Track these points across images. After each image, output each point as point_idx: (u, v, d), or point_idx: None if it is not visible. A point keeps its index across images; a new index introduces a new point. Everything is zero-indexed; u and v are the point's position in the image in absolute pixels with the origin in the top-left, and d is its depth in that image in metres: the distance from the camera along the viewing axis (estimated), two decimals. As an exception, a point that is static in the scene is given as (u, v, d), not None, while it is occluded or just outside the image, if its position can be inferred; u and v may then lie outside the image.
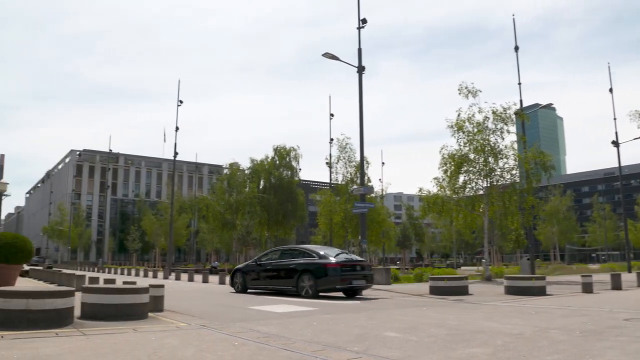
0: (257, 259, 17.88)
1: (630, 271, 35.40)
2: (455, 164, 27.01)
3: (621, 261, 62.61)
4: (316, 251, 16.15)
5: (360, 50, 22.02)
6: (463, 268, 66.68)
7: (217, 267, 47.65)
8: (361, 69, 21.90)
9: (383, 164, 58.76)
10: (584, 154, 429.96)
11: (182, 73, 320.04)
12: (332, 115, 41.70)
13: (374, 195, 41.33)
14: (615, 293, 16.91)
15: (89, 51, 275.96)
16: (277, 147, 54.55)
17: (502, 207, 26.84)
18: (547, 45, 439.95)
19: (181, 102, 41.66)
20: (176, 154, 41.42)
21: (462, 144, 27.12)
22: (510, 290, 15.71)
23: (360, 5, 22.47)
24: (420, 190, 28.98)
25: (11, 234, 15.47)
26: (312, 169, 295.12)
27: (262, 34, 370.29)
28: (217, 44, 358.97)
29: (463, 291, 15.80)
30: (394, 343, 6.39)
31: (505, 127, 26.82)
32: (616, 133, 38.25)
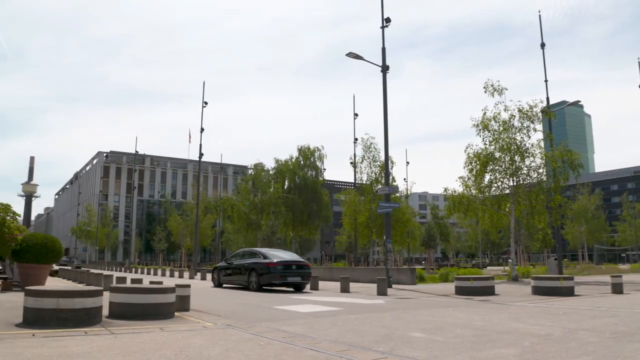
0: (227, 259, 21.41)
1: (661, 271, 34.67)
2: (481, 163, 26.73)
3: (652, 261, 61.31)
4: (263, 253, 19.33)
5: (384, 50, 21.93)
6: (489, 268, 65.93)
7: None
8: (385, 68, 21.80)
9: (408, 163, 58.56)
10: (612, 152, 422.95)
11: (207, 74, 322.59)
12: (356, 114, 41.67)
13: (398, 194, 41.15)
14: (646, 293, 16.58)
15: (114, 54, 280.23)
16: (301, 147, 54.55)
17: (529, 207, 26.49)
18: (573, 42, 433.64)
19: (206, 103, 42.04)
20: (201, 154, 41.77)
21: (488, 142, 26.84)
22: (538, 291, 15.50)
23: (384, 5, 22.40)
24: (445, 190, 28.79)
25: (41, 234, 15.75)
26: (337, 169, 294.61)
27: (286, 34, 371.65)
28: (241, 45, 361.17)
29: (489, 291, 15.65)
30: (419, 343, 6.35)
31: (532, 125, 26.43)
32: (646, 130, 37.44)
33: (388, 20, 21.71)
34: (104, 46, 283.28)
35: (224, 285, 20.76)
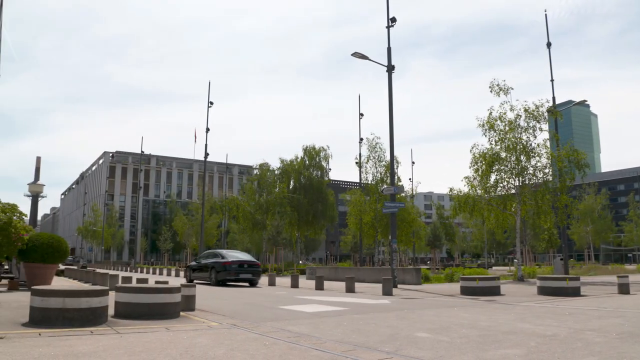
0: (197, 258, 25.10)
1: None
2: (487, 162, 26.68)
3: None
4: (222, 254, 22.70)
5: (389, 49, 21.89)
6: (494, 268, 65.72)
7: (247, 267, 47.78)
8: (391, 68, 21.77)
9: (413, 163, 58.48)
10: (619, 152, 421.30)
11: (212, 75, 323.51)
12: (361, 114, 41.57)
13: (404, 194, 41.13)
14: (652, 294, 16.50)
15: (120, 55, 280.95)
16: (306, 147, 54.59)
17: (535, 207, 26.42)
18: (579, 41, 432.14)
19: (211, 103, 42.00)
20: (207, 154, 41.76)
21: (494, 142, 26.80)
22: (543, 291, 15.46)
23: (389, 4, 22.35)
24: (451, 190, 28.75)
25: (47, 234, 15.81)
26: (342, 169, 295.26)
27: (291, 34, 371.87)
28: (246, 45, 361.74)
29: (495, 291, 15.61)
30: (425, 343, 6.35)
31: (538, 125, 26.38)
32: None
33: (393, 20, 21.67)
34: (109, 46, 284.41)
35: (194, 281, 23.68)
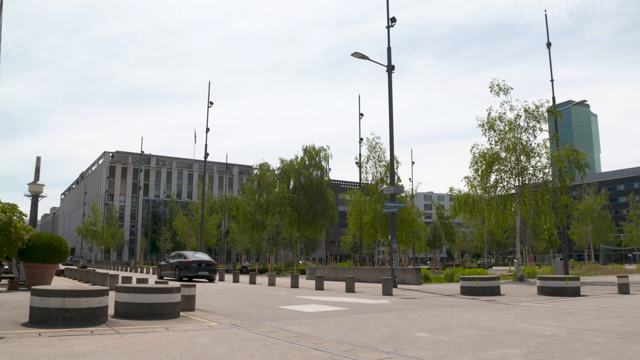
0: (166, 258, 28.31)
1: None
2: (487, 162, 26.69)
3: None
4: (185, 255, 26.33)
5: (389, 49, 21.89)
6: (494, 268, 65.74)
7: (247, 267, 47.87)
8: (391, 68, 21.77)
9: (413, 163, 58.45)
10: (619, 152, 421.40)
11: (212, 75, 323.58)
12: (361, 114, 41.55)
13: (404, 194, 41.08)
14: (652, 294, 16.50)
15: (120, 55, 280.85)
16: (306, 147, 54.63)
17: (535, 207, 26.42)
18: (579, 41, 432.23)
19: (212, 103, 41.99)
20: (207, 154, 41.76)
21: (493, 142, 26.81)
22: (543, 291, 15.47)
23: (389, 4, 22.36)
24: (450, 190, 28.76)
25: (47, 234, 15.81)
26: (342, 169, 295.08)
27: (291, 35, 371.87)
28: (246, 45, 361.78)
29: (495, 291, 15.62)
30: (424, 343, 6.35)
31: (538, 125, 26.39)
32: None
33: (393, 20, 21.67)
34: (109, 46, 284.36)
35: (164, 277, 26.84)
